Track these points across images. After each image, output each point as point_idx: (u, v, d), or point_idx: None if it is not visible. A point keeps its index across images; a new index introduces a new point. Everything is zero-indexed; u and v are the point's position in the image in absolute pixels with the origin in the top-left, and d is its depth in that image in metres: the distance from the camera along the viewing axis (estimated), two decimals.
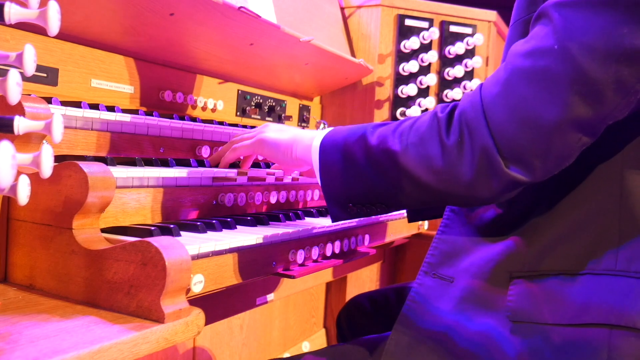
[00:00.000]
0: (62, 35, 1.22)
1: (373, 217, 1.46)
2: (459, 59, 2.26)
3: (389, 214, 1.58)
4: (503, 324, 0.96)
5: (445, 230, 1.11)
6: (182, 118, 1.38)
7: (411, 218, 1.49)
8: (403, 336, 1.03)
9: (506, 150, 0.87)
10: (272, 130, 1.21)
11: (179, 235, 0.96)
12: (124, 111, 1.20)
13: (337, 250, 1.27)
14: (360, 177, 0.99)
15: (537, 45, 0.87)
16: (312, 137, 1.10)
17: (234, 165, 1.30)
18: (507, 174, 0.87)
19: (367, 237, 1.41)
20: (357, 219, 1.37)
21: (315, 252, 1.18)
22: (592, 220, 0.95)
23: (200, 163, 1.29)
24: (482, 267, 1.01)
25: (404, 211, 1.70)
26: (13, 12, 0.65)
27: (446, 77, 2.25)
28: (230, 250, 0.97)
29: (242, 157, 1.27)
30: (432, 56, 2.19)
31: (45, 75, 1.20)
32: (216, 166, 1.29)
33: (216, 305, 1.36)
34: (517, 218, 1.02)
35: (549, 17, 0.87)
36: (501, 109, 0.87)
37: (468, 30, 2.28)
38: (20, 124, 0.65)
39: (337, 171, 1.02)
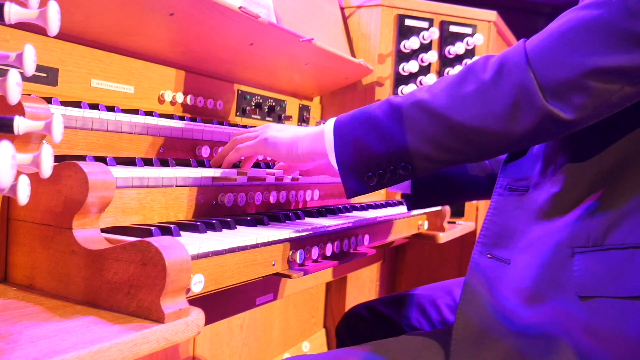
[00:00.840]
0: (62, 35, 1.22)
1: (372, 217, 1.46)
2: (459, 59, 2.26)
3: (384, 208, 1.58)
4: (572, 299, 0.92)
5: (496, 213, 1.08)
6: (182, 118, 1.38)
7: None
8: (470, 320, 0.99)
9: (547, 85, 0.87)
10: (275, 130, 1.20)
11: (179, 235, 0.96)
12: (124, 111, 1.20)
13: (337, 250, 1.27)
14: (384, 137, 0.96)
15: (592, 1, 0.88)
16: (320, 128, 1.09)
17: (234, 165, 1.30)
18: (545, 107, 0.87)
19: (367, 237, 1.41)
20: (354, 221, 1.37)
21: (315, 252, 1.18)
22: None
23: (200, 163, 1.29)
24: (540, 246, 0.98)
25: (404, 210, 1.70)
26: (13, 12, 0.65)
27: None
28: (230, 250, 0.97)
29: (243, 157, 1.27)
30: (432, 56, 2.19)
31: (45, 75, 1.20)
32: (219, 167, 1.29)
33: (216, 305, 1.36)
34: (576, 197, 0.98)
35: None
36: (546, 51, 0.88)
37: (468, 30, 2.28)
38: (20, 124, 0.65)
39: (356, 138, 0.99)
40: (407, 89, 2.20)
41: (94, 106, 1.14)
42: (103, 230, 0.92)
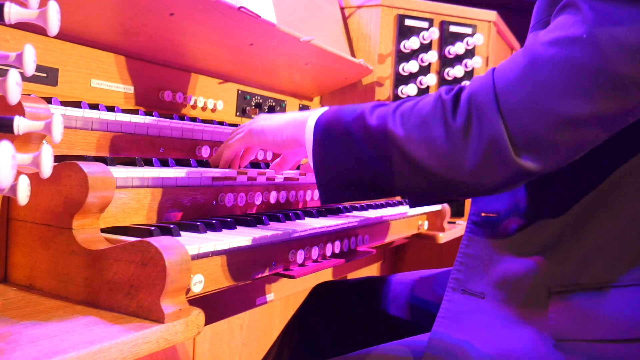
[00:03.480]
0: (62, 35, 1.22)
1: (373, 217, 1.46)
2: (458, 59, 2.27)
3: (384, 208, 1.58)
4: (546, 342, 0.91)
5: (470, 244, 1.06)
6: (182, 118, 1.38)
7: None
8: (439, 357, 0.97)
9: (518, 138, 0.83)
10: (261, 119, 1.19)
11: (179, 235, 0.96)
12: (124, 111, 1.20)
13: (337, 250, 1.27)
14: (356, 158, 0.95)
15: (564, 34, 0.83)
16: (306, 117, 1.06)
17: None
18: (516, 163, 0.84)
19: (367, 237, 1.41)
20: (354, 221, 1.37)
21: (315, 252, 1.18)
22: (632, 227, 0.91)
23: (201, 163, 1.28)
24: (516, 282, 0.96)
25: (404, 210, 1.70)
26: (13, 12, 0.65)
27: (446, 77, 2.26)
28: (231, 250, 0.97)
29: (240, 153, 1.26)
30: (432, 56, 2.19)
31: (45, 75, 1.20)
32: (216, 166, 1.29)
33: (216, 305, 1.36)
34: (547, 228, 0.97)
35: (577, 7, 0.83)
36: (517, 95, 0.83)
37: (468, 31, 2.28)
38: (20, 124, 0.65)
39: (333, 150, 0.97)
40: (407, 89, 2.20)
41: (94, 106, 1.14)
42: (103, 230, 0.92)
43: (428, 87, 2.23)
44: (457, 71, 2.23)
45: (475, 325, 0.98)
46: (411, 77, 2.22)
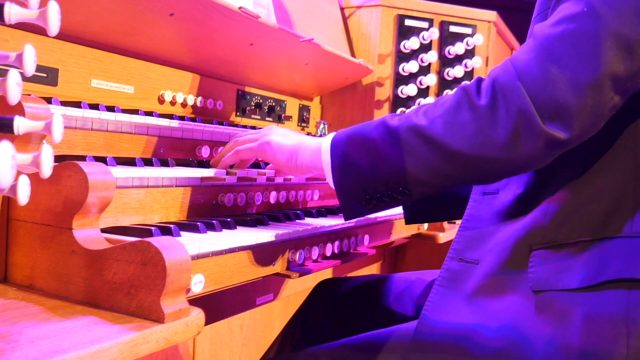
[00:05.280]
0: (62, 35, 1.22)
1: (373, 217, 1.46)
2: (458, 59, 2.27)
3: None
4: (527, 295, 0.96)
5: (469, 219, 1.11)
6: (182, 118, 1.38)
7: (409, 219, 1.48)
8: (434, 322, 1.02)
9: (544, 108, 0.88)
10: (278, 134, 1.18)
11: (179, 235, 0.96)
12: (124, 111, 1.20)
13: (337, 250, 1.27)
14: (381, 162, 0.96)
15: (566, 14, 0.91)
16: (319, 142, 1.08)
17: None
18: (546, 132, 0.88)
19: (367, 237, 1.41)
20: (354, 221, 1.37)
21: (315, 252, 1.18)
22: (607, 191, 0.97)
23: (201, 163, 1.28)
24: (504, 245, 1.02)
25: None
26: (13, 12, 0.65)
27: (446, 77, 2.26)
28: (230, 251, 0.97)
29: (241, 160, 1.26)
30: (432, 56, 2.19)
31: (45, 75, 1.20)
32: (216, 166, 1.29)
33: (216, 305, 1.36)
34: (536, 196, 1.02)
35: None
36: (536, 71, 0.89)
37: (468, 31, 2.28)
38: (20, 124, 0.65)
39: (354, 161, 0.99)
40: (407, 89, 2.20)
41: (94, 106, 1.14)
42: (103, 230, 0.92)
43: (428, 87, 2.23)
44: (457, 71, 2.23)
45: (467, 289, 1.03)
46: (411, 77, 2.22)
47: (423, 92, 2.23)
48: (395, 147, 0.95)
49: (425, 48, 2.22)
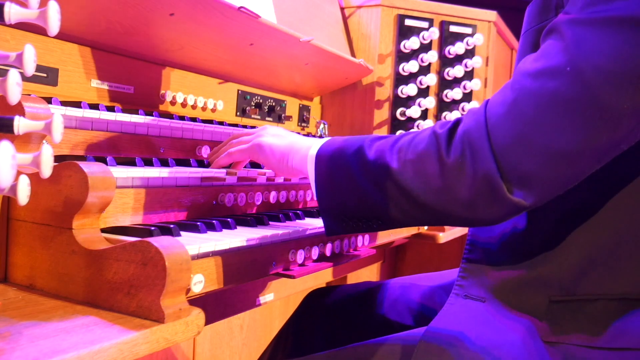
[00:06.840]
0: (62, 35, 1.22)
1: None
2: (459, 59, 2.26)
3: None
4: (535, 338, 0.94)
5: (472, 249, 1.08)
6: (182, 118, 1.38)
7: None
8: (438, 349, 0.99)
9: (510, 175, 0.83)
10: (270, 135, 1.18)
11: (179, 235, 0.97)
12: (124, 111, 1.20)
13: (337, 250, 1.27)
14: (356, 191, 0.96)
15: (547, 64, 0.82)
16: (309, 147, 1.07)
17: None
18: (510, 199, 0.84)
19: (366, 237, 1.41)
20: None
21: (315, 252, 1.18)
22: (632, 239, 0.91)
23: (201, 163, 1.28)
24: (515, 288, 0.99)
25: None
26: (13, 12, 0.65)
27: (446, 77, 2.26)
28: (230, 250, 0.97)
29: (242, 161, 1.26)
30: (432, 56, 2.19)
31: (45, 75, 1.20)
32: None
33: (216, 305, 1.36)
34: (542, 233, 0.98)
35: (561, 33, 0.82)
36: (507, 131, 0.83)
37: (468, 30, 2.28)
38: (20, 124, 0.65)
39: (333, 183, 0.99)
40: (407, 89, 2.20)
41: (94, 106, 1.14)
42: (103, 230, 0.92)
43: (428, 87, 2.23)
44: (457, 71, 2.23)
45: (472, 320, 1.00)
46: (411, 77, 2.22)
47: (423, 92, 2.23)
48: (368, 182, 0.94)
49: (425, 48, 2.22)
